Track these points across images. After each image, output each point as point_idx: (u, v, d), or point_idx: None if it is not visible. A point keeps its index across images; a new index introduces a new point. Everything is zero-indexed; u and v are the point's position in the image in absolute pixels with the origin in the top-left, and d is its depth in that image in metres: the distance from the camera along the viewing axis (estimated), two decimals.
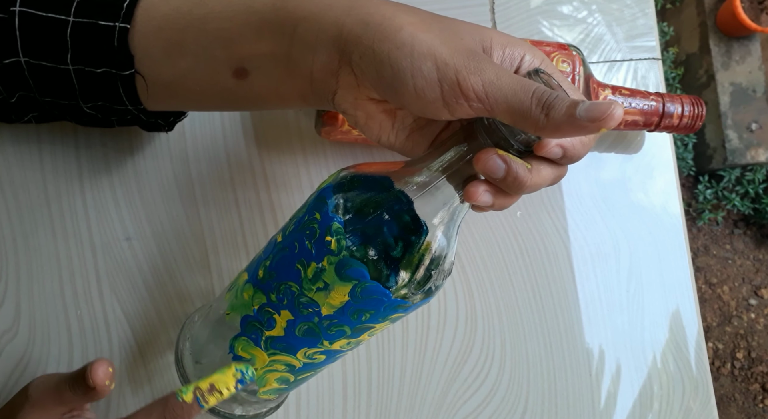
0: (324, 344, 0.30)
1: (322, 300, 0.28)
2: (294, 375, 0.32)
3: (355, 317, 0.29)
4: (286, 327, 0.30)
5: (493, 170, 0.26)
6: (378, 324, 0.30)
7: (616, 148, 0.50)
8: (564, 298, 0.47)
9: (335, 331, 0.29)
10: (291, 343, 0.30)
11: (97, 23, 0.29)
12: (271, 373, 0.32)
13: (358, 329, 0.29)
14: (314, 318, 0.29)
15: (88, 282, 0.41)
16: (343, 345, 0.31)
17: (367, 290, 0.27)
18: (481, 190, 0.27)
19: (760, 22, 1.43)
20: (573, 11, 0.51)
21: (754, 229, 1.58)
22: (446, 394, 0.44)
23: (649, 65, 0.52)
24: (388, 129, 0.30)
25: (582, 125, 0.24)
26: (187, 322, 0.37)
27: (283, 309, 0.30)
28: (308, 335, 0.30)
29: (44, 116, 0.36)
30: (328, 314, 0.29)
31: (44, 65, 0.30)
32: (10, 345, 0.39)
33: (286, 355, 0.31)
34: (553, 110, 0.24)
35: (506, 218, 0.47)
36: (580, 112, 0.23)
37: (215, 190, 0.43)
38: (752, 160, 1.48)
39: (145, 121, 0.36)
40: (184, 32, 0.30)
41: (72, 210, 0.41)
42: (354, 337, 0.30)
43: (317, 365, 0.32)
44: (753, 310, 1.54)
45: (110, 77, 0.30)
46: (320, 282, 0.28)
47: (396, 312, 0.29)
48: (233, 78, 0.30)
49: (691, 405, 0.48)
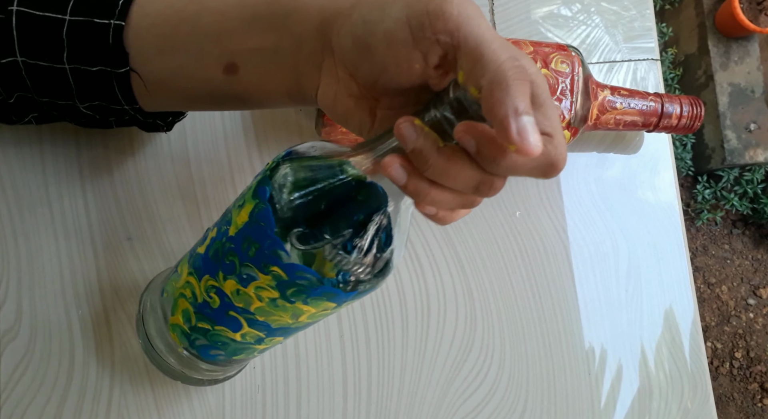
0: (219, 277, 0.29)
1: (234, 218, 0.28)
2: (191, 314, 0.32)
3: (245, 246, 0.27)
4: (208, 244, 0.30)
5: (404, 136, 0.25)
6: (261, 275, 0.28)
7: (615, 149, 0.50)
8: (563, 298, 0.47)
9: (229, 261, 0.29)
10: (202, 265, 0.30)
11: (93, 21, 0.30)
12: (181, 299, 0.32)
13: (245, 269, 0.28)
14: (223, 237, 0.29)
15: (90, 282, 0.41)
16: (233, 293, 0.29)
17: (260, 213, 0.26)
18: (396, 162, 0.25)
19: (759, 23, 1.43)
20: (572, 13, 0.51)
21: (753, 229, 1.59)
22: (446, 394, 0.45)
23: (648, 66, 0.52)
24: (367, 126, 0.30)
25: (508, 124, 0.22)
26: (148, 285, 0.38)
27: (216, 226, 0.31)
28: (214, 258, 0.29)
29: (44, 117, 0.36)
30: (231, 235, 0.28)
31: (41, 65, 0.31)
32: (11, 345, 0.39)
33: (194, 277, 0.31)
34: (516, 87, 0.22)
35: (505, 218, 0.47)
36: (524, 118, 0.22)
37: (216, 189, 0.43)
38: (751, 161, 1.48)
39: (143, 122, 0.36)
40: (177, 28, 0.30)
41: (73, 210, 0.41)
42: (242, 284, 0.29)
43: (212, 314, 0.31)
44: (751, 310, 1.54)
45: (105, 75, 0.31)
46: (242, 198, 0.28)
47: (274, 262, 0.27)
48: (224, 74, 0.31)
49: (689, 405, 0.48)
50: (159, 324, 0.35)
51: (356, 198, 0.27)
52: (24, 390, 0.39)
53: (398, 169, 0.25)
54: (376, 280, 0.28)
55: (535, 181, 0.48)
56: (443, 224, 0.27)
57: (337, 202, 0.27)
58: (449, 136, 0.24)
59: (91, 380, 0.40)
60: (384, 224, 0.27)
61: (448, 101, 0.24)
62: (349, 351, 0.44)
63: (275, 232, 0.26)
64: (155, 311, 0.36)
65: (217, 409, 0.41)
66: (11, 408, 0.39)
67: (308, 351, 0.43)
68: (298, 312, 0.29)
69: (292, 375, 0.43)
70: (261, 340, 0.32)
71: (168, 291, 0.34)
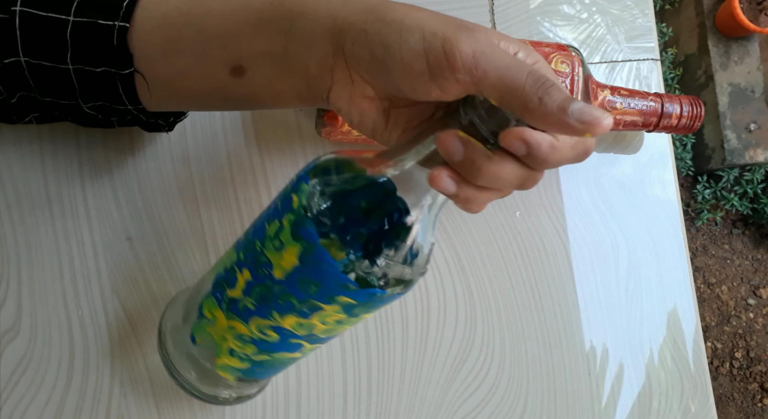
0: (274, 317, 0.29)
1: (276, 261, 0.28)
2: (247, 352, 0.32)
3: (302, 287, 0.28)
4: (244, 288, 0.30)
5: (451, 150, 0.25)
6: (326, 306, 0.28)
7: (615, 148, 0.50)
8: (563, 298, 0.47)
9: (284, 302, 0.29)
10: (246, 310, 0.30)
11: (97, 23, 0.30)
12: (225, 342, 0.32)
13: (306, 305, 0.28)
14: (267, 281, 0.29)
15: (90, 281, 0.41)
16: (294, 326, 0.30)
17: (314, 255, 0.26)
18: (444, 174, 0.26)
19: (759, 23, 1.43)
20: (573, 12, 0.51)
21: (753, 229, 1.59)
22: (446, 394, 0.45)
23: (648, 66, 0.52)
24: (381, 127, 0.30)
25: (568, 123, 0.23)
26: (170, 303, 0.37)
27: (245, 267, 0.30)
28: (260, 301, 0.29)
29: (45, 117, 0.36)
30: (279, 279, 0.28)
31: (44, 65, 0.30)
32: (11, 345, 0.39)
33: (239, 321, 0.31)
34: (548, 96, 0.23)
35: (505, 218, 0.47)
36: (573, 109, 0.23)
37: (216, 189, 0.43)
38: (751, 161, 1.48)
39: (145, 122, 0.36)
40: (183, 31, 0.30)
41: (73, 210, 0.41)
42: (303, 317, 0.29)
43: (270, 346, 0.31)
44: (751, 310, 1.54)
45: (109, 76, 0.31)
46: (277, 240, 0.28)
47: (342, 293, 0.28)
48: (230, 76, 0.30)
49: (689, 405, 0.48)
50: (196, 366, 0.35)
51: (388, 209, 0.27)
52: (24, 391, 0.39)
53: (447, 180, 0.26)
54: (419, 276, 0.29)
55: None
56: (474, 213, 0.29)
57: (373, 218, 0.27)
58: (484, 138, 0.25)
59: (91, 380, 0.40)
60: (415, 228, 0.28)
61: (480, 106, 0.25)
62: (349, 351, 0.44)
63: (338, 270, 0.27)
64: (183, 355, 0.35)
65: (216, 410, 0.41)
66: (11, 409, 0.39)
67: None
68: (360, 319, 0.30)
69: (292, 375, 0.43)
70: (318, 344, 0.33)
71: (202, 337, 0.33)
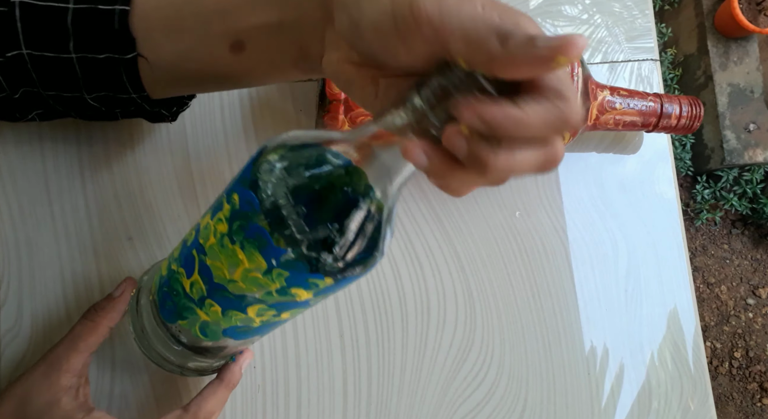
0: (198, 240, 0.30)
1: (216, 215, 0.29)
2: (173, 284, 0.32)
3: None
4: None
5: (455, 148, 0.24)
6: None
7: (615, 149, 0.50)
8: (563, 298, 0.47)
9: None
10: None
11: (97, 8, 0.30)
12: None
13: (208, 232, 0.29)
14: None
15: (90, 281, 0.41)
16: (213, 264, 0.29)
17: (245, 199, 0.27)
18: (417, 149, 0.24)
19: (758, 23, 1.43)
20: (573, 13, 0.51)
21: (752, 229, 1.59)
22: (445, 393, 0.45)
23: (647, 66, 0.52)
24: (371, 96, 0.29)
25: (540, 55, 0.22)
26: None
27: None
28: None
29: (48, 113, 0.36)
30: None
31: (47, 56, 0.30)
32: (12, 345, 0.39)
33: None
34: (513, 38, 0.22)
35: (505, 218, 0.47)
36: (540, 40, 0.22)
37: (216, 188, 0.43)
38: (750, 161, 1.48)
39: (149, 111, 0.36)
40: (181, 9, 0.30)
41: (74, 210, 0.41)
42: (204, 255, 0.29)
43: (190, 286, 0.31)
44: (751, 310, 1.54)
45: (113, 63, 0.31)
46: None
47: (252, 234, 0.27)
48: (230, 52, 0.31)
49: (689, 404, 0.48)
50: (153, 321, 0.35)
51: (344, 185, 0.26)
52: None
53: (420, 154, 0.24)
54: (360, 268, 0.28)
55: (535, 181, 0.48)
56: (458, 196, 0.27)
57: (323, 189, 0.26)
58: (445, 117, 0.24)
59: (92, 380, 0.40)
60: (372, 211, 0.26)
61: (458, 76, 0.24)
62: (349, 351, 0.44)
63: (261, 221, 0.26)
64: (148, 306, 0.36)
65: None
66: None
67: (308, 350, 0.43)
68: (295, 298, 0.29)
69: (292, 374, 0.43)
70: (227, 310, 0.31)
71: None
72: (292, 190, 0.26)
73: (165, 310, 0.33)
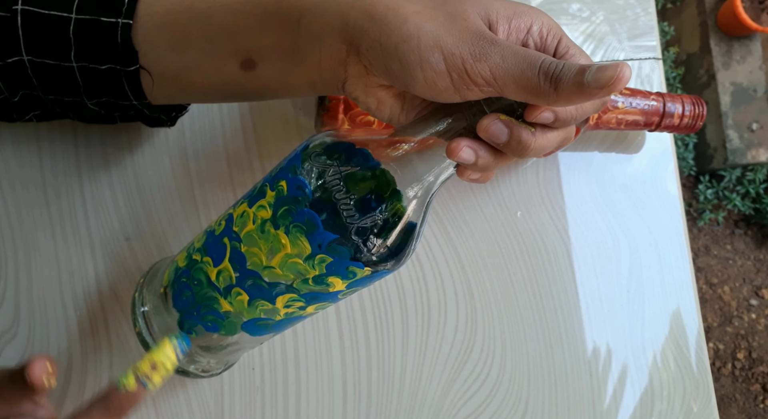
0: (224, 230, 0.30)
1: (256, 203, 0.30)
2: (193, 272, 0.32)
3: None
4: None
5: (496, 134, 0.26)
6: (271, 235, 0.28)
7: (617, 148, 0.50)
8: (564, 298, 0.47)
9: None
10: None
11: (100, 20, 0.29)
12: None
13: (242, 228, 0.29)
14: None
15: (88, 282, 0.40)
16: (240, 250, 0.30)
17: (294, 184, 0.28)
18: (462, 144, 0.27)
19: (761, 22, 1.42)
20: (575, 10, 0.51)
21: (755, 229, 1.58)
22: (446, 395, 0.44)
23: (650, 65, 0.51)
24: (398, 111, 0.30)
25: (591, 92, 0.24)
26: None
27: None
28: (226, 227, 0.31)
29: (46, 115, 0.36)
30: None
31: (47, 63, 0.30)
32: (9, 346, 0.39)
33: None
34: (561, 82, 0.24)
35: (506, 218, 0.47)
36: (588, 78, 0.24)
37: (214, 189, 0.43)
38: (753, 160, 1.48)
39: (148, 116, 0.36)
40: (189, 26, 0.30)
41: (71, 211, 0.41)
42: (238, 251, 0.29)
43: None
44: (754, 310, 1.54)
45: (115, 73, 0.30)
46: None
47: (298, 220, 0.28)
48: (241, 70, 0.30)
49: (691, 406, 0.48)
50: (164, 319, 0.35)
51: (386, 181, 0.28)
52: None
53: (467, 150, 0.27)
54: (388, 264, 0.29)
55: (537, 181, 0.48)
56: (483, 182, 0.30)
57: (370, 181, 0.28)
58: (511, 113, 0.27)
59: (89, 381, 0.40)
60: (409, 209, 0.28)
61: (493, 108, 0.27)
62: (349, 352, 0.43)
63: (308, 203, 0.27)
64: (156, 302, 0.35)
65: (216, 410, 0.41)
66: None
67: (308, 352, 0.43)
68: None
69: (292, 376, 0.42)
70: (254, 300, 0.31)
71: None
72: (345, 177, 0.27)
73: (181, 301, 0.33)
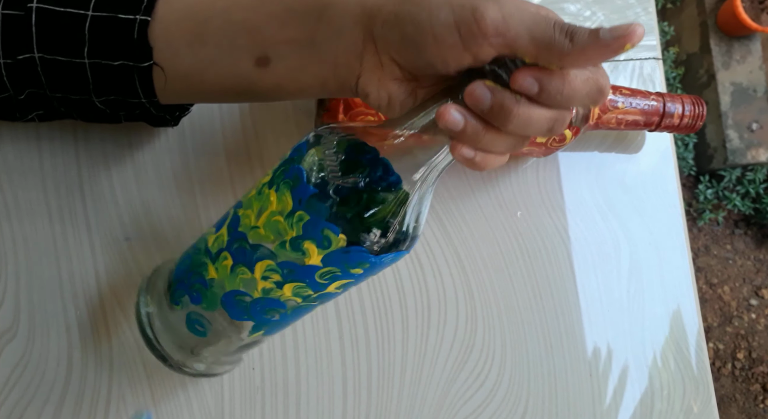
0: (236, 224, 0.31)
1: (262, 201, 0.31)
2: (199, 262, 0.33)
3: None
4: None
5: (479, 98, 0.26)
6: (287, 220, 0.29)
7: (617, 148, 0.50)
8: (564, 298, 0.47)
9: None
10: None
11: (117, 17, 0.29)
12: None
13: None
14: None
15: (88, 282, 0.40)
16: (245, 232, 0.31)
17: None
18: (451, 108, 0.26)
19: (761, 22, 1.42)
20: (574, 10, 0.51)
21: (755, 229, 1.58)
22: (446, 395, 0.44)
23: (650, 65, 0.51)
24: (408, 107, 0.30)
25: (607, 43, 0.24)
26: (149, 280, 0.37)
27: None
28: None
29: (49, 115, 0.36)
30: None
31: (59, 60, 0.30)
32: (9, 346, 0.39)
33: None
34: (577, 35, 0.24)
35: (506, 218, 0.47)
36: (604, 33, 0.24)
37: (214, 188, 0.43)
38: (753, 160, 1.48)
39: (153, 116, 0.36)
40: (207, 23, 0.30)
41: (71, 211, 0.41)
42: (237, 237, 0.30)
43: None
44: (754, 310, 1.54)
45: (127, 70, 0.30)
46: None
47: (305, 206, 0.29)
48: (255, 66, 0.30)
49: (691, 406, 0.48)
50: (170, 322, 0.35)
51: (378, 162, 0.28)
52: (22, 391, 0.39)
53: (455, 113, 0.26)
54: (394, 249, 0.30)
55: (537, 181, 0.48)
56: (481, 170, 0.29)
57: (362, 154, 0.28)
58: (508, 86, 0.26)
59: (90, 381, 0.40)
60: (401, 200, 0.29)
61: (510, 64, 0.26)
62: (348, 352, 0.43)
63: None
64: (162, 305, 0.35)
65: (216, 410, 0.41)
66: (9, 409, 0.39)
67: (308, 351, 0.43)
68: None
69: (292, 376, 0.42)
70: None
71: None
72: (339, 142, 0.29)
73: (180, 270, 0.35)
